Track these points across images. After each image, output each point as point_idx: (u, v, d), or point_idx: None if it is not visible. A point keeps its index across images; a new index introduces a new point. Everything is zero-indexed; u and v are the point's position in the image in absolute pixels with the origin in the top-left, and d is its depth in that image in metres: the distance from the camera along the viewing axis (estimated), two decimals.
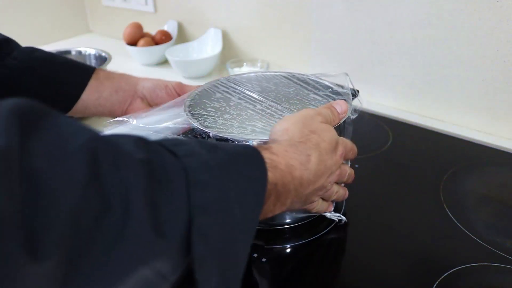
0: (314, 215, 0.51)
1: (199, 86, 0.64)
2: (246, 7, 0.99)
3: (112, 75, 0.63)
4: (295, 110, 0.52)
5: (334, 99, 0.55)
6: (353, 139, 0.54)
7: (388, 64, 0.80)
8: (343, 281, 0.45)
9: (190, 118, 0.48)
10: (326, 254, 0.50)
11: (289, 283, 0.45)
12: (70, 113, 0.60)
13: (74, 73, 0.60)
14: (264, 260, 0.48)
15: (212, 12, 1.07)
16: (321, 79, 0.58)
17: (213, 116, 0.50)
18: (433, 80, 0.76)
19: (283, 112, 0.52)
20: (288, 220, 0.50)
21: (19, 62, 0.58)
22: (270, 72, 0.62)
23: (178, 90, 0.65)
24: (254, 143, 0.44)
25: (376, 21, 0.78)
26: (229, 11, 1.03)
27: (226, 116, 0.50)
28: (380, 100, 0.84)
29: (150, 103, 0.64)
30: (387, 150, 0.69)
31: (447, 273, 0.45)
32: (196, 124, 0.47)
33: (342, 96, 0.55)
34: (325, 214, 0.50)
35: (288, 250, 0.50)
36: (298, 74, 0.60)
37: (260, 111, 0.52)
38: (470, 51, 0.70)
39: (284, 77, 0.60)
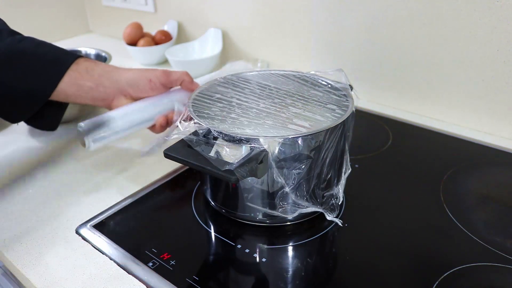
0: (315, 213, 0.51)
1: (183, 71, 0.65)
2: (246, 7, 0.99)
3: (93, 68, 0.62)
4: (300, 105, 0.53)
5: (334, 94, 0.55)
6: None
7: (388, 64, 0.80)
8: (343, 281, 0.45)
9: (198, 120, 0.48)
10: (326, 254, 0.50)
11: (289, 283, 0.45)
12: (53, 98, 0.60)
13: (49, 67, 0.60)
14: (264, 260, 0.48)
15: (212, 12, 1.07)
16: (317, 76, 0.59)
17: (219, 116, 0.50)
18: (433, 80, 0.76)
19: (288, 108, 0.52)
20: (290, 217, 0.51)
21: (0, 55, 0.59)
22: (265, 70, 0.62)
23: (163, 80, 0.63)
24: (262, 140, 0.44)
25: (376, 21, 0.78)
26: (229, 11, 1.03)
27: (233, 115, 0.50)
28: (380, 100, 0.84)
29: (134, 97, 0.63)
30: (387, 150, 0.69)
31: (447, 273, 0.45)
32: (207, 125, 0.46)
33: (341, 91, 0.56)
34: (326, 215, 0.51)
35: (288, 250, 0.50)
36: (294, 72, 0.61)
37: (265, 109, 0.52)
38: (470, 51, 0.70)
39: (281, 75, 0.61)
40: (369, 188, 0.60)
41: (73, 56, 0.62)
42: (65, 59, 0.61)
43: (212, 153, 0.45)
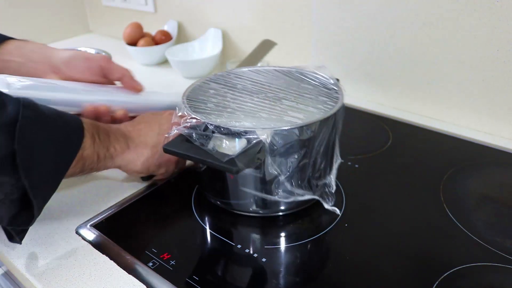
0: (308, 202, 0.53)
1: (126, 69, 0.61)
2: (246, 7, 0.99)
3: (24, 46, 0.58)
4: (292, 99, 0.54)
5: (324, 87, 0.57)
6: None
7: (388, 64, 0.80)
8: (343, 281, 0.45)
9: (196, 115, 0.48)
10: (326, 254, 0.50)
11: (289, 283, 0.45)
12: None
13: None
14: (264, 260, 0.48)
15: (212, 12, 1.07)
16: (305, 70, 0.60)
17: (215, 110, 0.50)
18: (433, 80, 0.76)
19: (282, 102, 0.53)
20: (282, 208, 0.52)
21: None
22: (253, 67, 0.62)
23: (103, 63, 0.59)
24: (259, 132, 0.45)
25: (376, 21, 0.78)
26: (229, 11, 1.03)
27: (228, 110, 0.51)
28: (380, 100, 0.84)
29: (67, 77, 0.58)
30: (387, 150, 0.69)
31: (447, 273, 0.45)
32: (206, 120, 0.47)
33: (330, 84, 0.57)
34: (323, 203, 0.52)
35: (288, 250, 0.50)
36: (280, 67, 0.62)
37: (260, 103, 0.53)
38: (470, 51, 0.70)
39: (269, 71, 0.62)
40: (369, 188, 0.60)
41: (2, 36, 0.58)
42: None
43: (211, 147, 0.46)
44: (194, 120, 0.47)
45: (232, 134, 0.46)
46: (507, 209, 0.55)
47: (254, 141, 0.45)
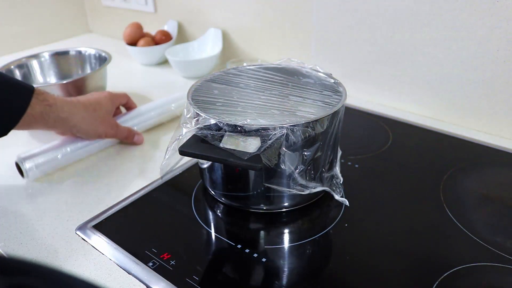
0: (312, 199, 0.54)
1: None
2: (246, 7, 0.99)
3: (49, 114, 0.60)
4: (298, 94, 0.54)
5: (325, 81, 0.58)
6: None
7: (388, 64, 0.80)
8: (343, 281, 0.45)
9: (208, 115, 0.48)
10: (326, 254, 0.50)
11: (289, 282, 0.45)
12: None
13: (13, 98, 0.58)
14: (264, 260, 0.48)
15: (212, 12, 1.07)
16: (301, 66, 0.61)
17: (225, 110, 0.51)
18: (433, 80, 0.76)
19: (289, 97, 0.54)
20: (286, 204, 0.52)
21: None
22: (247, 67, 0.62)
23: (111, 136, 0.70)
24: (278, 128, 0.45)
25: (376, 21, 0.78)
26: (229, 11, 1.03)
27: (239, 108, 0.51)
28: (380, 100, 0.84)
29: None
30: (387, 150, 0.69)
31: (447, 273, 0.45)
32: (218, 119, 0.47)
33: (329, 78, 0.58)
34: (334, 195, 0.54)
35: (288, 250, 0.50)
36: (275, 64, 0.62)
37: (268, 100, 0.53)
38: (470, 51, 0.70)
39: (264, 68, 0.62)
40: (369, 188, 0.60)
41: (27, 98, 0.58)
42: (19, 104, 0.58)
43: (227, 145, 0.46)
44: (209, 120, 0.47)
45: (249, 131, 0.46)
46: (507, 209, 0.55)
47: (275, 138, 0.45)
